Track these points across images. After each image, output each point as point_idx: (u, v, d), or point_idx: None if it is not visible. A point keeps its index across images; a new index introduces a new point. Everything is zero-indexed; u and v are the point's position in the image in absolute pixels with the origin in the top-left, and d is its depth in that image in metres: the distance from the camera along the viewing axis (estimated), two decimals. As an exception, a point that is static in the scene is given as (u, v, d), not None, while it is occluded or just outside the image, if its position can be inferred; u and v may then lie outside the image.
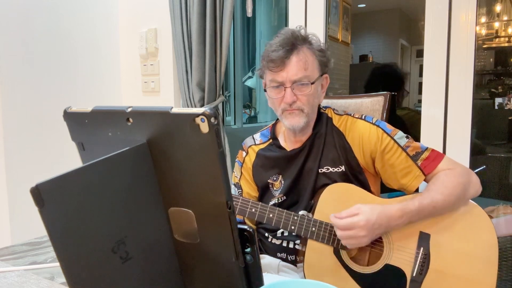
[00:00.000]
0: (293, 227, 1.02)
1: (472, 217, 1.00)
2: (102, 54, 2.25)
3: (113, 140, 0.49)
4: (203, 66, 1.94)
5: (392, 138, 1.06)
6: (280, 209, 1.03)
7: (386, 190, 1.18)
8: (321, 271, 1.01)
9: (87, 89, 2.16)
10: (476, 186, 1.02)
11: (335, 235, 1.00)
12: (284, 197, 1.13)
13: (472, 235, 0.98)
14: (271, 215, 1.03)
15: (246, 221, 1.15)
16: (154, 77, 2.23)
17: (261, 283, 0.50)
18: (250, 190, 1.21)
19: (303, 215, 1.03)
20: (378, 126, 1.08)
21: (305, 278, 1.01)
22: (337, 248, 1.01)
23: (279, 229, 1.09)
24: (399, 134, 1.07)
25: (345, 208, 1.03)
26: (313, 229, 1.01)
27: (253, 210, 1.03)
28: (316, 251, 1.02)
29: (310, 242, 1.02)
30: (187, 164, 0.46)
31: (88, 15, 2.15)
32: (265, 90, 1.12)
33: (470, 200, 1.01)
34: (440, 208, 0.98)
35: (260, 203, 1.04)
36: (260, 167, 1.19)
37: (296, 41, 1.05)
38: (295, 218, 1.02)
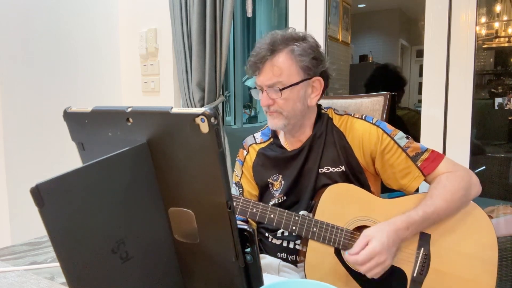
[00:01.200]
0: (294, 228, 1.02)
1: (472, 218, 1.00)
2: (102, 54, 2.25)
3: (113, 140, 0.49)
4: (203, 66, 1.94)
5: (392, 138, 1.06)
6: (281, 209, 1.03)
7: (386, 190, 1.18)
8: (322, 271, 1.01)
9: (87, 89, 2.16)
10: (476, 187, 1.02)
11: (336, 235, 1.00)
12: (284, 197, 1.13)
13: (472, 235, 0.98)
14: (272, 216, 1.03)
15: (250, 220, 1.15)
16: (154, 77, 2.23)
17: (261, 283, 0.50)
18: (250, 189, 1.21)
19: (304, 215, 1.03)
20: (378, 126, 1.08)
21: (306, 278, 1.01)
22: (338, 248, 1.01)
23: (279, 229, 1.09)
24: (399, 135, 1.07)
25: (346, 208, 1.03)
26: (314, 229, 1.01)
27: (254, 210, 1.03)
28: (317, 252, 1.02)
29: (311, 243, 1.02)
30: (187, 164, 0.46)
31: (88, 15, 2.15)
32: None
33: (471, 201, 1.02)
34: (444, 215, 0.98)
35: (261, 203, 1.04)
36: (261, 166, 1.19)
37: (274, 46, 1.04)
38: (296, 218, 1.02)
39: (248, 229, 0.48)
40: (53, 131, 1.96)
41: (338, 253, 1.01)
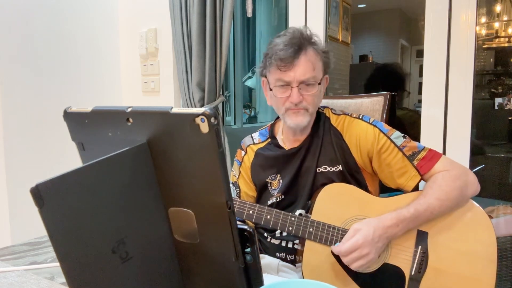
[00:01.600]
0: (290, 228, 1.02)
1: (470, 215, 1.00)
2: (102, 54, 2.25)
3: (113, 140, 0.49)
4: (203, 66, 1.94)
5: (388, 138, 1.06)
6: (278, 210, 1.03)
7: (386, 190, 1.18)
8: (320, 271, 1.01)
9: (87, 89, 2.16)
10: (474, 185, 1.02)
11: (332, 235, 1.00)
12: (282, 196, 1.13)
13: (470, 233, 0.98)
14: (268, 217, 1.03)
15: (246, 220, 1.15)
16: (154, 77, 2.23)
17: (261, 283, 0.50)
18: (247, 189, 1.22)
19: (300, 215, 1.03)
20: (375, 126, 1.08)
21: (303, 278, 1.01)
22: (336, 248, 1.01)
23: (277, 229, 1.10)
24: (396, 134, 1.07)
25: (342, 208, 1.03)
26: (311, 229, 1.01)
27: (251, 212, 1.03)
28: (314, 251, 1.02)
29: (308, 242, 1.02)
30: (187, 164, 0.46)
31: (88, 15, 2.15)
32: (270, 89, 1.10)
33: (470, 199, 1.01)
34: (437, 213, 0.98)
35: (258, 204, 1.04)
36: (259, 166, 1.19)
37: (305, 41, 1.05)
38: (293, 219, 1.02)
39: (248, 229, 0.48)
40: (53, 131, 1.96)
41: (336, 252, 1.01)
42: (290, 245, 1.11)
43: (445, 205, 0.97)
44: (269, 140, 1.20)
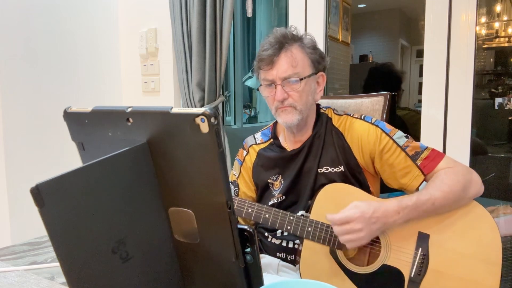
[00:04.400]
0: (289, 227, 1.02)
1: (473, 216, 0.99)
2: (102, 54, 2.25)
3: (113, 140, 0.49)
4: (203, 66, 1.94)
5: (391, 138, 1.06)
6: (276, 209, 1.03)
7: (387, 190, 1.18)
8: (317, 271, 1.01)
9: (87, 89, 2.17)
10: (477, 185, 1.01)
11: (331, 235, 1.00)
12: (284, 197, 1.13)
13: (473, 235, 0.97)
14: (267, 216, 1.03)
15: (240, 220, 1.14)
16: (154, 77, 2.23)
17: (261, 283, 0.50)
18: (247, 189, 1.22)
19: (298, 215, 1.03)
20: (377, 126, 1.08)
21: (301, 277, 1.01)
22: (333, 248, 1.01)
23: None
24: (398, 134, 1.07)
25: (341, 208, 1.03)
26: (309, 229, 1.01)
27: (249, 210, 1.03)
28: (312, 251, 1.02)
29: (306, 242, 1.02)
30: (187, 164, 0.46)
31: (88, 15, 2.15)
32: (257, 89, 1.13)
33: (473, 200, 1.01)
34: (439, 205, 0.97)
35: (257, 203, 1.05)
36: (261, 167, 1.19)
37: (285, 40, 1.06)
38: (291, 218, 1.02)
39: (248, 229, 0.48)
40: (53, 131, 1.96)
41: (333, 252, 1.01)
42: (290, 245, 1.11)
43: (446, 198, 0.96)
44: (271, 140, 1.21)
